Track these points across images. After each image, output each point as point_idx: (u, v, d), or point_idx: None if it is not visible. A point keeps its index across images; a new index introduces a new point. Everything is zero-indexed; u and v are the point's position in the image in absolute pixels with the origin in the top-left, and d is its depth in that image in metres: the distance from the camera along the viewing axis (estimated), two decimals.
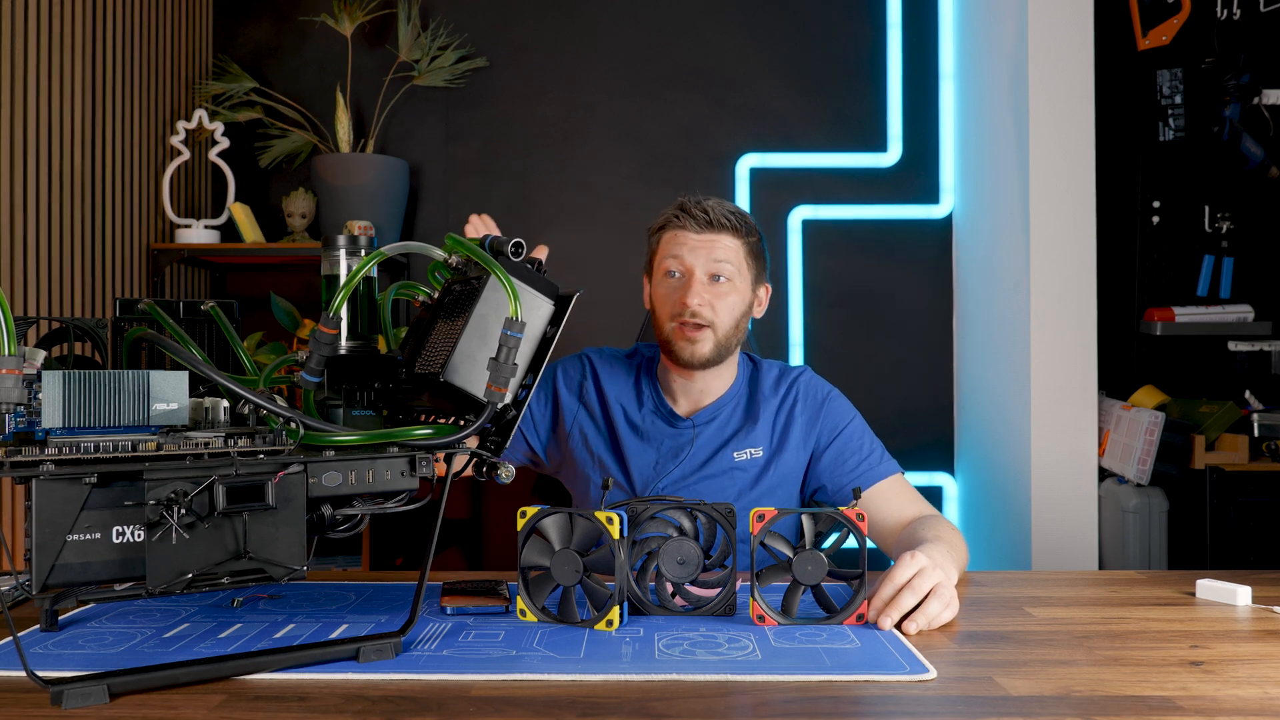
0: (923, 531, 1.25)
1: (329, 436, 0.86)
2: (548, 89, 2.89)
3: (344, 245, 0.95)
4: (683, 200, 1.42)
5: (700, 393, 1.46)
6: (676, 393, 1.47)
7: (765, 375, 1.51)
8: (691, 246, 1.39)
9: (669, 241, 1.41)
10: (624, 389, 1.49)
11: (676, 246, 1.40)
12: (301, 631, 0.96)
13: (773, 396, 1.48)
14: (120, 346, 0.97)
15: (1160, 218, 2.67)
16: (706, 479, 1.43)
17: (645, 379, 1.50)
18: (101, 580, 0.78)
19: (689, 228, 1.39)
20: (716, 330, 1.38)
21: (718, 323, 1.38)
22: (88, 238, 2.30)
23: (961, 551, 1.24)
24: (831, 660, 0.88)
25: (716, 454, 1.44)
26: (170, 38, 2.67)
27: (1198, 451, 2.44)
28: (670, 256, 1.40)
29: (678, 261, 1.39)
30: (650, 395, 1.48)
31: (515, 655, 0.89)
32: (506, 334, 0.88)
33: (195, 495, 0.78)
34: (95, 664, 0.86)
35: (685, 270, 1.39)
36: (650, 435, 1.46)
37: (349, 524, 0.90)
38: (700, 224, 1.39)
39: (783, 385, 1.49)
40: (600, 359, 1.53)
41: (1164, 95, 2.65)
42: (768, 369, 1.52)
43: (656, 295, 1.43)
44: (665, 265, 1.41)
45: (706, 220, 1.39)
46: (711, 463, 1.44)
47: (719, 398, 1.47)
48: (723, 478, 1.44)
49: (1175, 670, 0.87)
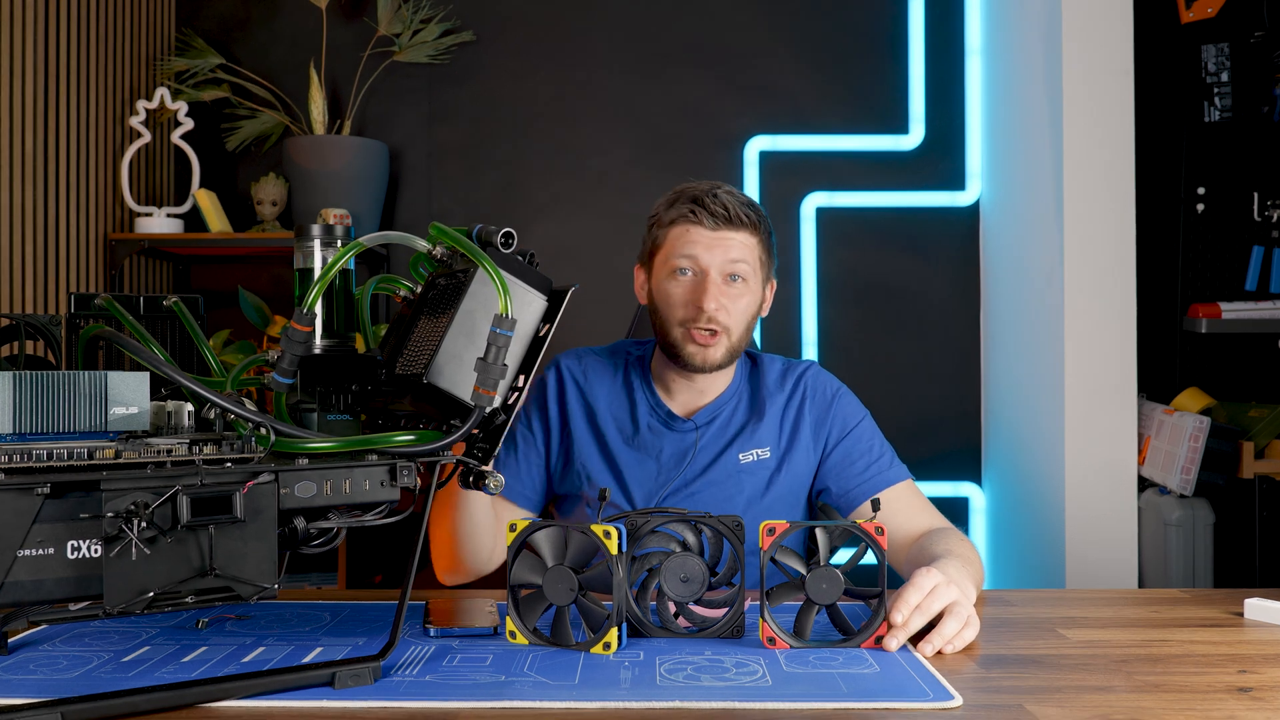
0: (934, 546, 1.25)
1: (302, 443, 0.86)
2: (539, 66, 2.89)
3: (319, 235, 0.95)
4: (695, 192, 1.39)
5: (700, 393, 1.47)
6: (675, 392, 1.47)
7: (768, 371, 1.51)
8: (707, 244, 1.38)
9: (680, 237, 1.40)
10: (613, 394, 1.49)
11: (690, 245, 1.38)
12: (272, 655, 0.96)
13: (779, 392, 1.49)
14: (75, 345, 0.97)
15: (1205, 205, 2.67)
16: (712, 485, 1.44)
17: (636, 379, 1.49)
18: (55, 599, 0.78)
19: (704, 224, 1.37)
20: (730, 335, 1.39)
21: (732, 326, 1.39)
22: (39, 227, 2.30)
23: (977, 567, 1.25)
24: (848, 686, 0.88)
25: (720, 456, 1.45)
26: (129, 9, 2.67)
27: (1246, 459, 2.44)
28: (682, 255, 1.39)
29: (691, 260, 1.38)
30: (644, 396, 1.48)
31: (505, 681, 0.89)
32: (495, 332, 0.88)
33: (157, 507, 0.78)
34: (48, 690, 0.86)
35: (700, 270, 1.38)
36: (647, 444, 1.45)
37: (324, 538, 0.90)
38: (718, 220, 1.37)
39: (789, 380, 1.50)
40: (579, 365, 1.51)
41: (1209, 72, 2.65)
42: (769, 364, 1.52)
43: (661, 292, 1.42)
44: (675, 263, 1.39)
45: (725, 217, 1.37)
46: (716, 466, 1.44)
47: (718, 396, 1.47)
48: (729, 483, 1.44)
49: (1222, 697, 0.87)
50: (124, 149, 2.62)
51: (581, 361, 1.52)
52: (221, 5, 2.90)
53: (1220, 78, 2.64)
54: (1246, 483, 2.43)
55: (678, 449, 1.45)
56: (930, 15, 2.88)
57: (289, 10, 2.88)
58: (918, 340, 2.88)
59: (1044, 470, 2.45)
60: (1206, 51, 2.65)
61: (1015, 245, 2.65)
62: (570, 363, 1.52)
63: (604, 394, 1.49)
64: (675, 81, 2.88)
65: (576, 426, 1.47)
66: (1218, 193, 2.67)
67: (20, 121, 2.23)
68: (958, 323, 2.89)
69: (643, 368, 1.50)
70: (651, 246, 1.45)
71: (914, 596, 1.01)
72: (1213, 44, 2.64)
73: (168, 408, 0.88)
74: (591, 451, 1.46)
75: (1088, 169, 2.34)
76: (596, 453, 1.46)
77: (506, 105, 2.89)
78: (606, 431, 1.47)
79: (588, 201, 2.87)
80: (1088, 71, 2.35)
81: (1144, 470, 2.55)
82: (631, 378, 1.50)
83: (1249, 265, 2.66)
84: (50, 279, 2.34)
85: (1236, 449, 2.46)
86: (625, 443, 1.46)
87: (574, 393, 1.49)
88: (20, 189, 2.23)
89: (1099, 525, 2.33)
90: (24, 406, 0.77)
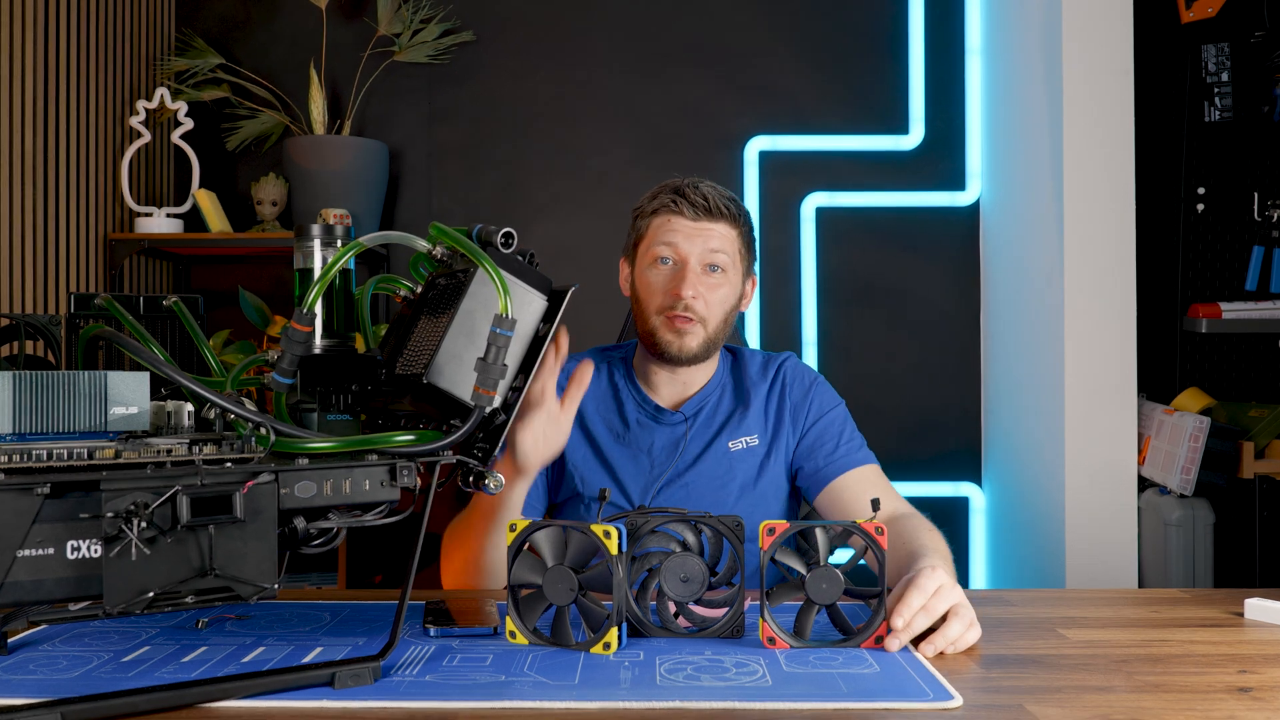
0: (913, 540, 1.24)
1: (302, 443, 0.86)
2: (539, 65, 2.89)
3: (319, 235, 0.95)
4: (677, 183, 1.44)
5: (684, 385, 1.50)
6: (658, 386, 1.50)
7: (749, 363, 1.55)
8: (687, 234, 1.41)
9: (660, 227, 1.43)
10: (599, 395, 1.51)
11: (670, 233, 1.41)
12: (272, 655, 0.96)
13: (761, 382, 1.52)
14: (75, 345, 0.97)
15: (1205, 205, 2.67)
16: (704, 474, 1.46)
17: (620, 378, 1.52)
18: (55, 599, 0.78)
19: (685, 214, 1.41)
20: (707, 325, 1.42)
21: (709, 317, 1.41)
22: (39, 227, 2.30)
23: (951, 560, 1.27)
24: (848, 686, 0.88)
25: (710, 445, 1.47)
26: (129, 9, 2.67)
27: (1246, 459, 2.44)
28: (662, 243, 1.42)
29: (671, 249, 1.41)
30: (631, 394, 1.50)
31: (504, 681, 0.89)
32: (495, 332, 0.88)
33: (157, 507, 0.78)
34: (48, 690, 0.86)
35: (679, 259, 1.41)
36: (638, 440, 1.48)
37: (324, 538, 0.90)
38: (698, 210, 1.41)
39: (770, 370, 1.53)
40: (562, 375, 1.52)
41: (1209, 72, 2.65)
42: (750, 357, 1.56)
43: (642, 283, 1.45)
44: (656, 252, 1.43)
45: (705, 207, 1.41)
46: (707, 455, 1.47)
47: (702, 388, 1.50)
48: (721, 471, 1.46)
49: (1222, 697, 0.87)
50: (124, 149, 2.62)
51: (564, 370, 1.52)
52: (221, 5, 2.90)
53: (1220, 78, 2.64)
54: (1246, 483, 2.43)
55: (668, 441, 1.47)
56: (930, 15, 2.88)
57: (289, 10, 2.88)
58: (917, 340, 2.88)
59: (1044, 470, 2.45)
60: (1206, 51, 2.65)
61: (1015, 245, 2.65)
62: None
63: (590, 397, 1.50)
64: (675, 81, 2.88)
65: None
66: (1218, 193, 2.67)
67: (20, 121, 2.23)
68: (957, 322, 2.89)
69: (626, 367, 1.53)
70: (635, 238, 1.48)
71: (917, 599, 1.01)
72: (1213, 44, 2.64)
73: (168, 408, 0.88)
74: (585, 455, 1.48)
75: (1088, 169, 2.35)
76: (590, 455, 1.48)
77: (506, 105, 2.89)
78: (597, 433, 1.48)
79: (588, 201, 2.87)
80: (1088, 71, 2.35)
81: (1144, 470, 2.55)
82: (616, 377, 1.52)
83: (1249, 265, 2.67)
84: (50, 279, 2.34)
85: (1236, 449, 2.46)
86: (616, 441, 1.48)
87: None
88: (20, 189, 2.23)
89: (1099, 525, 2.33)
90: (24, 406, 0.77)
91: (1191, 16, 2.62)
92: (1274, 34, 2.63)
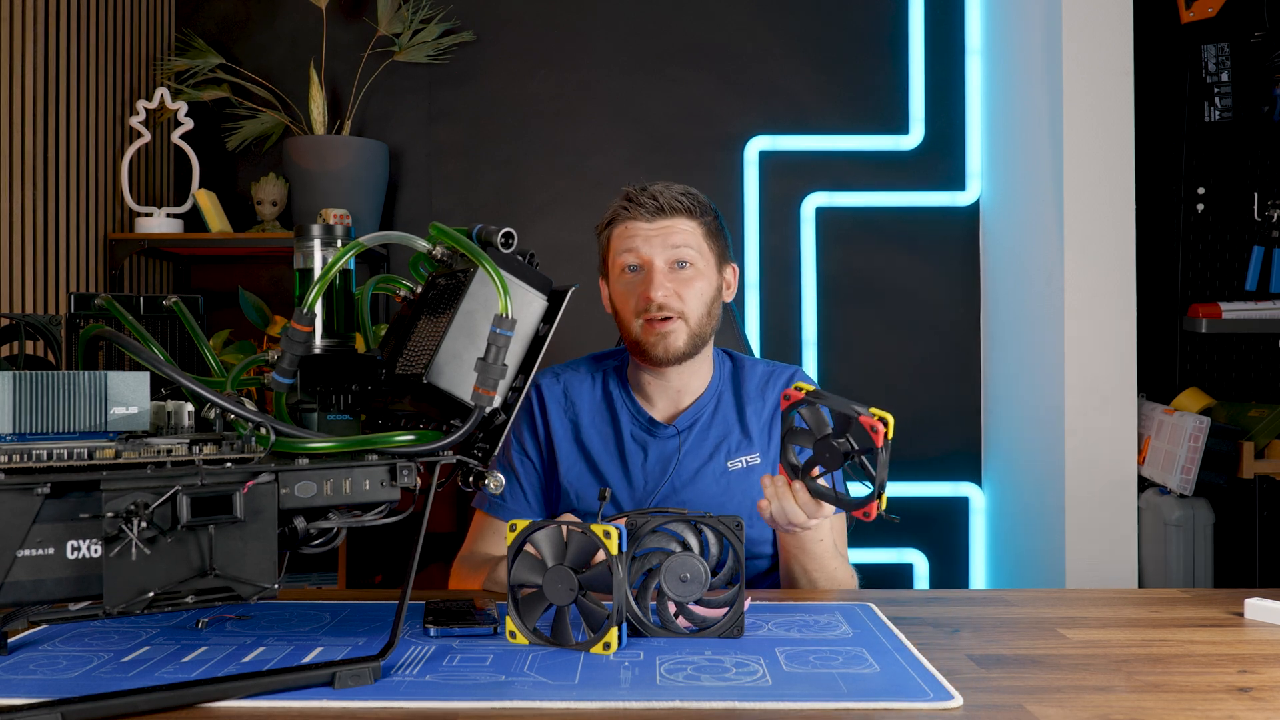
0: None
1: (302, 443, 0.86)
2: (539, 65, 2.89)
3: (319, 235, 0.95)
4: (628, 189, 1.44)
5: (678, 392, 1.48)
6: (653, 395, 1.48)
7: (749, 375, 1.52)
8: (646, 236, 1.41)
9: (620, 235, 1.43)
10: (594, 407, 1.50)
11: (630, 239, 1.42)
12: (272, 655, 0.96)
13: (758, 399, 1.50)
14: (75, 345, 0.97)
15: (1205, 205, 2.67)
16: (701, 495, 1.44)
17: (615, 389, 1.50)
18: (55, 599, 0.78)
19: (639, 217, 1.41)
20: (688, 320, 1.40)
21: (688, 311, 1.40)
22: (39, 227, 2.30)
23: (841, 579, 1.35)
24: (848, 686, 0.88)
25: (707, 464, 1.46)
26: (129, 9, 2.67)
27: (1246, 459, 2.44)
28: (625, 250, 1.42)
29: (634, 254, 1.41)
30: (625, 406, 1.49)
31: (505, 681, 0.89)
32: (495, 332, 0.88)
33: (157, 507, 0.78)
34: (48, 690, 0.86)
35: (644, 262, 1.41)
36: (631, 453, 1.46)
37: (324, 538, 0.90)
38: (651, 211, 1.41)
39: (769, 391, 1.51)
40: (557, 383, 1.52)
41: (1209, 72, 2.65)
42: (751, 367, 1.53)
43: (617, 294, 1.45)
44: (621, 260, 1.43)
45: (657, 206, 1.41)
46: (704, 475, 1.45)
47: (698, 398, 1.48)
48: (719, 492, 1.45)
49: (1222, 697, 0.87)
50: (124, 149, 2.62)
51: (560, 379, 1.53)
52: (221, 5, 2.90)
53: (1220, 78, 2.64)
54: (1246, 483, 2.43)
55: (661, 455, 1.46)
56: (930, 15, 2.88)
57: (289, 10, 2.88)
58: (917, 340, 2.88)
59: (1044, 470, 2.45)
60: (1206, 51, 2.65)
61: (1015, 245, 2.65)
62: (548, 382, 1.52)
63: (586, 408, 1.50)
64: (675, 81, 2.88)
65: (561, 446, 1.48)
66: (1218, 193, 2.67)
67: (20, 121, 2.23)
68: (957, 322, 2.89)
69: (620, 377, 1.51)
70: (602, 254, 1.49)
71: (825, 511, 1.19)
72: (1213, 44, 2.64)
73: (168, 408, 0.88)
74: (581, 472, 1.47)
75: (1088, 169, 2.35)
76: (586, 471, 1.47)
77: (506, 105, 2.89)
78: (591, 446, 1.47)
79: (588, 201, 2.87)
80: (1088, 71, 2.35)
81: (1144, 470, 2.55)
82: (611, 388, 1.51)
83: (1249, 265, 2.67)
84: (50, 279, 2.34)
85: (1236, 449, 2.46)
86: (610, 454, 1.47)
87: (556, 413, 1.50)
88: (20, 189, 2.23)
89: (1099, 525, 2.33)
90: (24, 406, 0.77)
91: (1191, 16, 2.62)
92: (1274, 34, 2.63)
